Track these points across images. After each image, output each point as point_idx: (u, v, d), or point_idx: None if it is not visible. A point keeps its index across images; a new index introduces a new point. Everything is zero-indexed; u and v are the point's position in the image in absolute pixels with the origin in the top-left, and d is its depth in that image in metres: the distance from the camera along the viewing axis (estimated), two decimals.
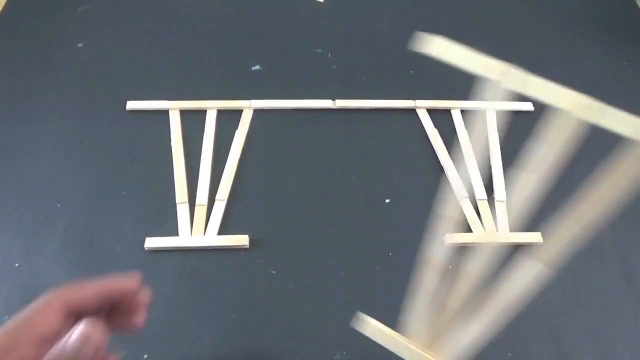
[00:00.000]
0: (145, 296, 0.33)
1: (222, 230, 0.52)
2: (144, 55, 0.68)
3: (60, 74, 0.65)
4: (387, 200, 0.55)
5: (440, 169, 0.58)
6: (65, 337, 0.29)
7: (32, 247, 0.51)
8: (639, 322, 0.48)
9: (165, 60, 0.68)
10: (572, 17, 0.77)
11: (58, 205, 0.54)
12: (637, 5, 0.80)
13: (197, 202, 0.54)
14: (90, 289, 0.31)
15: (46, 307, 0.29)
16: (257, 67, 0.68)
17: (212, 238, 0.52)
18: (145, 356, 0.44)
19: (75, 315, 0.30)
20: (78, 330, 0.29)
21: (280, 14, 0.75)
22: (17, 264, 0.50)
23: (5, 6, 0.73)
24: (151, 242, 0.51)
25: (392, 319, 0.48)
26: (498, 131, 0.61)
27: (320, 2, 0.77)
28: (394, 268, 0.51)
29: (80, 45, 0.69)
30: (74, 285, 0.31)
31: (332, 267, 0.51)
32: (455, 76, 0.67)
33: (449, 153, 0.59)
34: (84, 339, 0.29)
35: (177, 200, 0.54)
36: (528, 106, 0.64)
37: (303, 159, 0.59)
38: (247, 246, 0.51)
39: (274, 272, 0.50)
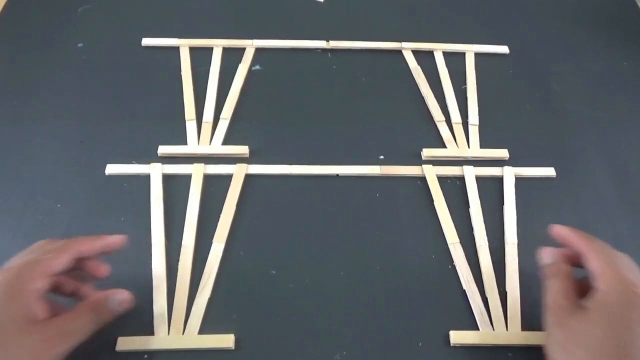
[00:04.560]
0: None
1: None
2: (144, 55, 0.68)
3: (60, 74, 0.65)
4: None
5: (421, 99, 0.65)
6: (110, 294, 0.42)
7: None
8: None
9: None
10: (572, 17, 0.77)
11: (58, 205, 0.54)
12: (637, 5, 0.80)
13: (204, 119, 0.61)
14: (93, 243, 0.42)
15: (62, 252, 0.40)
16: (257, 67, 0.68)
17: None
18: (146, 356, 0.44)
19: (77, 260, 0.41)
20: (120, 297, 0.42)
21: (279, 14, 0.75)
22: None
23: (5, 6, 0.73)
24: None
25: (391, 319, 0.48)
26: (475, 69, 0.69)
27: (320, 2, 0.77)
28: (393, 268, 0.51)
29: (80, 45, 0.69)
30: (83, 238, 0.43)
31: (332, 267, 0.51)
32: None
33: (429, 85, 0.66)
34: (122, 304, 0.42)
35: (187, 116, 0.61)
36: (504, 49, 0.71)
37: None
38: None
39: (274, 272, 0.50)
